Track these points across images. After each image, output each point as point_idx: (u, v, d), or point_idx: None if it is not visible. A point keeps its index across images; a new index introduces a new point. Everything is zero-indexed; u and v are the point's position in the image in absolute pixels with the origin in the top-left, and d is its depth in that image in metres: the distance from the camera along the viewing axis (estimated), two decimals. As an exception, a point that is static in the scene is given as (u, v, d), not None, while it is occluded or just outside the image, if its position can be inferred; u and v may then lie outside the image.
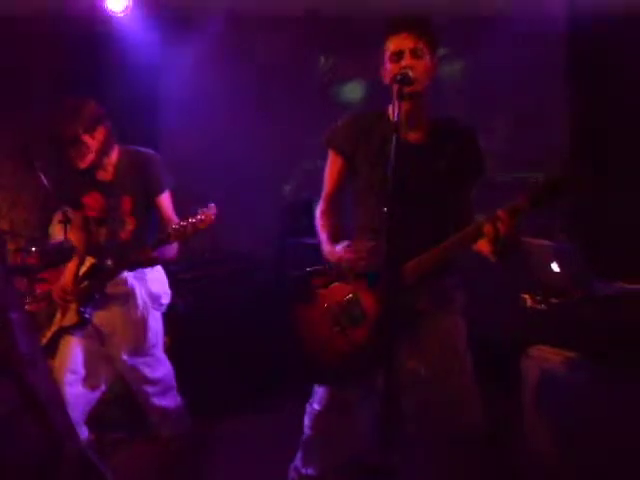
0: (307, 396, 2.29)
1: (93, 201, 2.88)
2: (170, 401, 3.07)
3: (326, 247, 2.19)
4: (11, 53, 4.25)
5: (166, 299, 3.03)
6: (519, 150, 3.96)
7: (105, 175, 2.86)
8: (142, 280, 2.89)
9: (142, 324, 2.88)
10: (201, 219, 2.56)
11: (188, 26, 4.69)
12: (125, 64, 4.62)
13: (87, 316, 2.78)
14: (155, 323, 2.95)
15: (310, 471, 2.22)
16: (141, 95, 4.83)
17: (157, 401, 3.02)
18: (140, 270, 2.86)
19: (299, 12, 4.27)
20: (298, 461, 2.28)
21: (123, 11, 4.43)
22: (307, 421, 2.25)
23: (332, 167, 2.28)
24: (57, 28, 4.32)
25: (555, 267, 2.91)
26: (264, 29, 4.60)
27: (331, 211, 2.29)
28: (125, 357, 2.87)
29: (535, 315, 2.90)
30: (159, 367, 3.01)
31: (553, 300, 2.88)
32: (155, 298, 2.95)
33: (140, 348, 2.89)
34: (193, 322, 4.10)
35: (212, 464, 3.18)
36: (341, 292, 2.12)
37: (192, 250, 4.66)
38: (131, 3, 4.40)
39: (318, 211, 2.31)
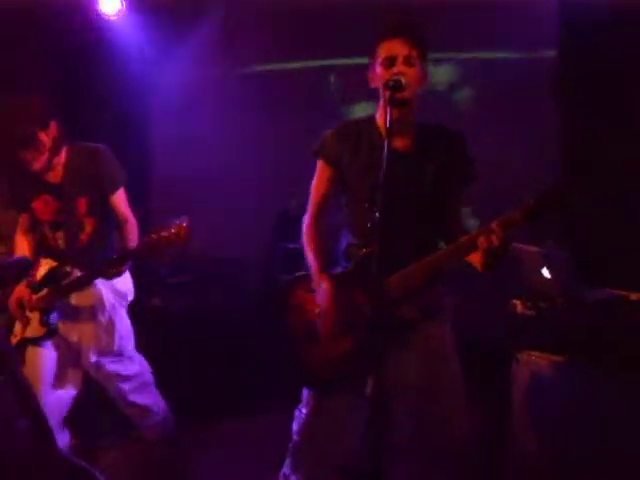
0: (296, 399, 2.28)
1: (44, 205, 2.72)
2: (148, 398, 2.96)
3: (316, 276, 2.15)
4: (2, 57, 4.23)
5: (131, 296, 2.90)
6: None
7: (54, 177, 2.70)
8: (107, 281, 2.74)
9: (111, 327, 2.78)
10: (175, 233, 2.40)
11: (182, 29, 4.69)
12: (118, 67, 4.61)
13: (53, 327, 2.65)
14: (122, 322, 2.85)
15: (298, 477, 2.21)
16: (134, 98, 4.82)
17: (133, 397, 2.90)
18: None
19: (298, 12, 4.27)
20: (286, 468, 2.27)
21: (116, 14, 4.43)
22: (295, 427, 2.24)
23: (321, 177, 2.25)
24: (50, 31, 4.31)
25: (545, 273, 2.92)
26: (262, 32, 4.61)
27: (318, 226, 2.25)
28: (94, 359, 2.76)
29: (525, 320, 2.92)
30: (131, 364, 2.89)
31: (543, 305, 2.90)
32: (122, 296, 2.84)
33: (109, 349, 2.78)
34: (183, 325, 4.10)
35: (201, 467, 3.16)
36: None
37: (182, 254, 4.67)
38: (124, 6, 4.39)
39: (305, 224, 2.26)
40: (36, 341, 2.67)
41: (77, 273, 2.66)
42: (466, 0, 3.88)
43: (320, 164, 2.25)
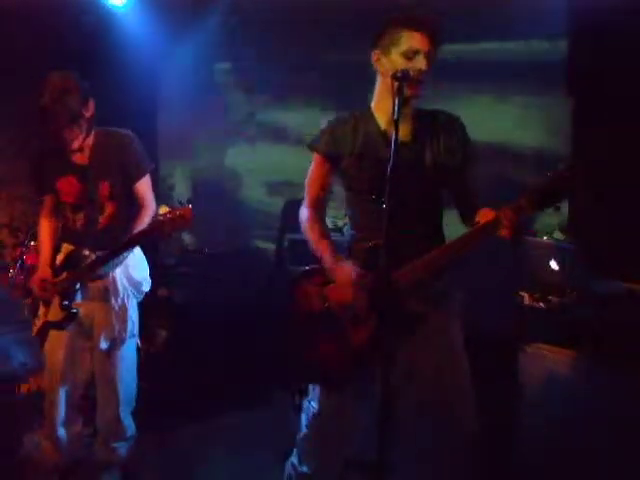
0: (301, 393, 2.28)
1: (69, 186, 2.69)
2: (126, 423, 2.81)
3: (329, 263, 2.12)
4: (9, 48, 4.24)
5: (146, 286, 2.85)
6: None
7: (81, 158, 2.67)
8: (123, 266, 2.71)
9: (123, 313, 2.73)
10: (180, 215, 2.39)
11: (190, 18, 4.66)
12: (125, 58, 4.60)
13: (74, 311, 2.63)
14: (134, 312, 2.79)
15: (306, 469, 2.22)
16: (141, 88, 4.81)
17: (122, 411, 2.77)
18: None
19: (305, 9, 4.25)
20: (294, 458, 2.28)
21: (124, 4, 4.42)
22: (304, 419, 2.25)
23: (317, 171, 2.23)
24: (57, 21, 4.30)
25: (554, 265, 2.91)
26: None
27: (319, 218, 2.24)
28: (105, 346, 2.71)
29: (533, 313, 2.91)
30: (131, 368, 2.80)
31: (551, 298, 2.88)
32: (136, 285, 2.78)
33: (120, 338, 2.73)
34: (191, 316, 4.12)
35: (203, 460, 3.18)
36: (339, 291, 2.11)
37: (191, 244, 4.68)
38: (132, -4, 4.38)
39: (305, 218, 2.23)
40: (57, 325, 2.67)
41: (93, 257, 2.64)
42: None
43: (316, 158, 2.23)
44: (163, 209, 2.43)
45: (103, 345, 2.72)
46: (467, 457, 2.03)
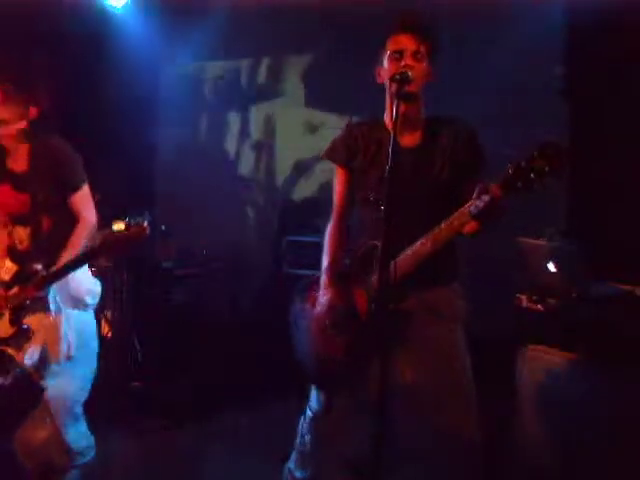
0: (296, 395, 2.29)
1: (6, 196, 2.60)
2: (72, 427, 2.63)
3: (323, 277, 2.18)
4: (9, 49, 4.23)
5: (92, 298, 2.70)
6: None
7: (19, 165, 2.60)
8: (61, 282, 2.55)
9: (54, 330, 2.55)
10: (135, 231, 2.32)
11: (189, 21, 4.67)
12: (124, 59, 4.60)
13: (24, 327, 2.51)
14: (72, 329, 2.60)
15: (302, 474, 2.23)
16: (140, 90, 4.81)
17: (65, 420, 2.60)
18: None
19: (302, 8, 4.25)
20: (291, 463, 2.28)
21: (122, 5, 4.42)
22: (304, 425, 2.25)
23: (338, 180, 2.28)
24: (55, 23, 4.30)
25: (551, 267, 2.91)
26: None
27: (340, 230, 2.26)
28: (28, 362, 2.53)
29: (531, 315, 2.91)
30: (71, 381, 2.61)
31: (549, 300, 2.89)
32: (78, 300, 2.64)
33: (50, 356, 2.55)
34: (188, 318, 4.12)
35: (203, 459, 3.19)
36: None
37: (189, 247, 4.68)
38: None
39: (328, 228, 2.28)
40: (6, 342, 2.53)
41: (41, 270, 2.51)
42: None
43: (336, 168, 2.28)
44: (118, 225, 2.35)
45: (27, 360, 2.54)
46: (465, 467, 2.03)
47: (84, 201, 2.65)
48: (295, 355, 2.26)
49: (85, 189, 2.66)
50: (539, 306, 2.90)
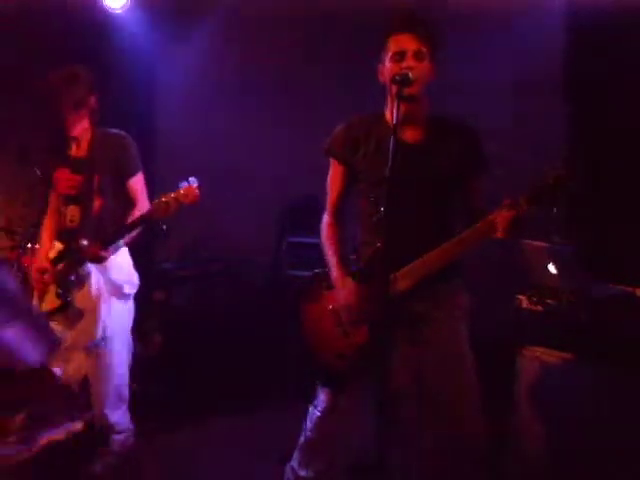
0: (296, 396, 2.29)
1: (64, 177, 2.76)
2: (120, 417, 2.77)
3: (335, 274, 2.18)
4: (8, 50, 4.24)
5: (130, 289, 2.79)
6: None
7: (79, 151, 2.77)
8: (102, 267, 2.68)
9: (92, 313, 2.66)
10: (184, 194, 2.49)
11: (188, 23, 4.66)
12: (123, 61, 4.60)
13: (68, 299, 2.64)
14: (110, 315, 2.70)
15: (306, 473, 2.22)
16: (139, 92, 4.81)
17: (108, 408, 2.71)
18: None
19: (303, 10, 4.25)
20: (294, 462, 2.28)
21: (121, 8, 4.41)
22: (308, 424, 2.25)
23: (333, 175, 2.28)
24: (55, 25, 4.30)
25: (551, 269, 2.91)
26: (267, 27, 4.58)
27: (337, 223, 2.29)
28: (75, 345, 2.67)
29: (531, 316, 2.91)
30: (112, 366, 2.72)
31: (549, 301, 2.89)
32: (116, 287, 2.73)
33: (87, 339, 2.66)
34: (188, 319, 4.11)
35: (199, 462, 3.17)
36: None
37: (188, 248, 4.68)
38: (129, 0, 4.37)
39: (324, 222, 2.30)
40: (52, 314, 2.66)
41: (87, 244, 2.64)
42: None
43: (332, 162, 2.28)
44: (166, 195, 2.52)
45: (74, 343, 2.66)
46: (469, 463, 2.03)
47: (140, 187, 2.81)
48: (303, 351, 2.25)
49: (140, 176, 2.82)
50: (539, 307, 2.90)
